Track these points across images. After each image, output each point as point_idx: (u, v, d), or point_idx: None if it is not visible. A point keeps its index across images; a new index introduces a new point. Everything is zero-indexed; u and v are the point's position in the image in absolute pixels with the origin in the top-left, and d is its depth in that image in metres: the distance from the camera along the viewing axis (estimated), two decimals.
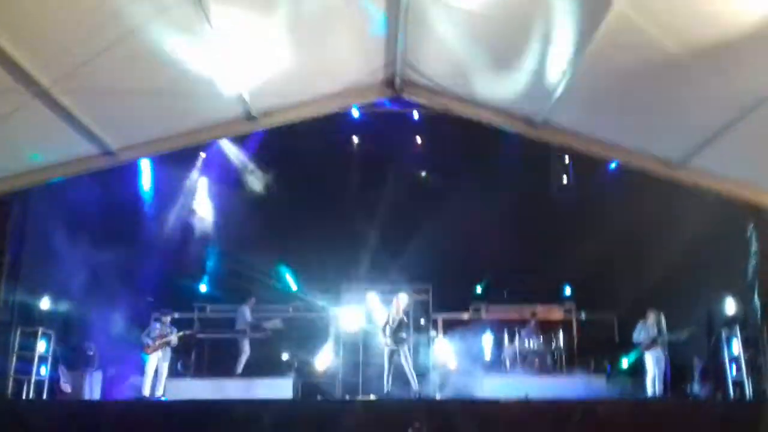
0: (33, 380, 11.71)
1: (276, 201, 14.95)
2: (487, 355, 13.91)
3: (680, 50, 7.65)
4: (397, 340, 11.73)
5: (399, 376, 11.84)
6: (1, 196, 10.99)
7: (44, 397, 11.87)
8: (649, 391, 11.95)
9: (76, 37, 7.54)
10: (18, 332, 11.65)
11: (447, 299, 14.91)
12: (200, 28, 8.00)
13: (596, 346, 14.26)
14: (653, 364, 12.00)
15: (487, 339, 14.16)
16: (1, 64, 7.76)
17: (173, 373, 12.45)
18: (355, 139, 13.43)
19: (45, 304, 12.36)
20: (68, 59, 7.85)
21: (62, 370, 12.30)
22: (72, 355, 12.74)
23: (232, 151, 14.58)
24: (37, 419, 9.76)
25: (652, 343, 12.06)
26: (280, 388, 11.71)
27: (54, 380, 12.19)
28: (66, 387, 12.30)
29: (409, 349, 12.04)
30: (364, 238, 14.94)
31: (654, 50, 7.74)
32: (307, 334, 13.86)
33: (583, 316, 14.88)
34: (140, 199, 14.08)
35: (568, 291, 15.44)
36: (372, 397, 12.56)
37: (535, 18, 8.06)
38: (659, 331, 12.07)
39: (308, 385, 13.21)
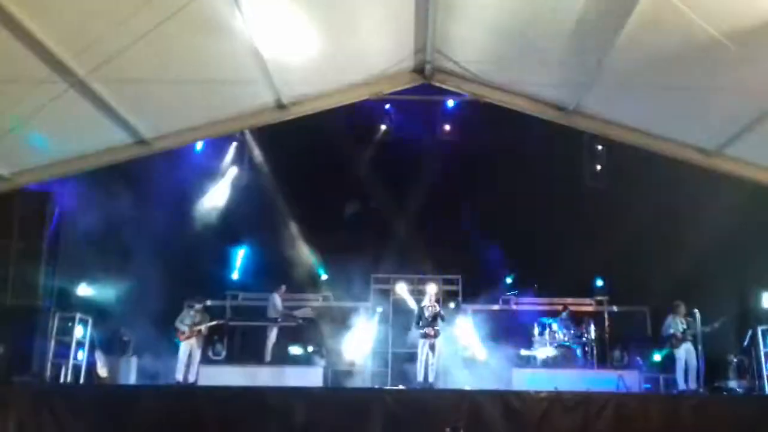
0: (71, 364, 11.97)
1: (305, 190, 15.01)
2: (517, 348, 13.79)
3: (719, 35, 7.46)
4: (432, 333, 11.70)
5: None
6: (39, 184, 11.27)
7: (81, 380, 12.14)
8: (681, 385, 11.72)
9: (110, 27, 7.66)
10: (56, 318, 11.93)
11: (477, 290, 14.82)
12: (231, 16, 8.07)
13: (628, 339, 14.04)
14: (684, 358, 11.76)
15: (517, 331, 14.05)
16: (38, 54, 7.95)
17: (206, 359, 12.64)
18: (383, 127, 13.39)
19: (82, 290, 12.63)
20: (102, 49, 7.99)
21: (99, 355, 12.56)
22: (108, 341, 13.01)
23: (261, 140, 14.67)
24: (74, 402, 10.03)
25: (683, 337, 11.81)
26: (310, 377, 11.80)
27: (91, 365, 12.45)
28: (102, 371, 12.55)
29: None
30: (393, 228, 14.93)
31: (691, 34, 7.57)
32: (337, 322, 13.90)
33: (614, 308, 14.65)
34: (174, 187, 14.25)
35: (599, 283, 15.18)
36: (401, 387, 12.57)
37: (569, 2, 7.93)
38: (689, 324, 11.80)
39: (338, 374, 13.30)
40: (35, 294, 11.33)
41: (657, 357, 13.22)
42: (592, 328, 13.56)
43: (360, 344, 13.61)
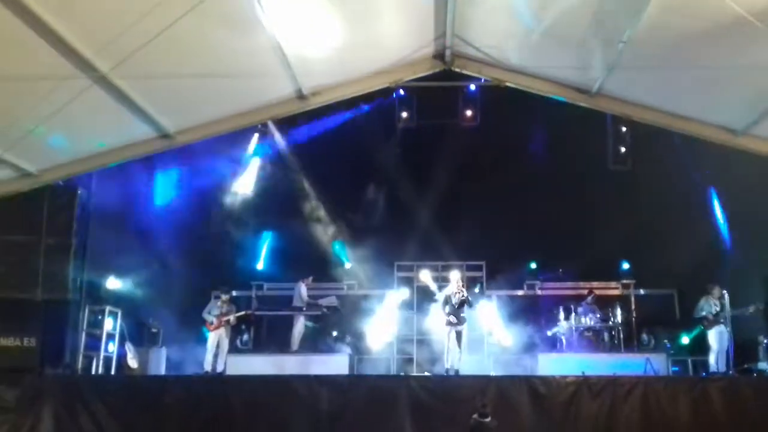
0: (102, 356, 12.17)
1: (328, 178, 15.06)
2: (543, 333, 13.74)
3: (745, 12, 7.30)
4: (459, 318, 11.70)
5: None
6: (66, 179, 11.45)
7: (112, 372, 12.36)
8: (713, 367, 11.61)
9: (132, 22, 7.72)
10: (87, 310, 12.12)
11: (501, 276, 14.77)
12: (251, 9, 8.09)
13: (655, 322, 13.91)
14: (716, 341, 11.64)
15: (543, 316, 14.00)
16: (61, 52, 8.07)
17: (233, 349, 12.78)
18: (405, 115, 13.34)
19: (111, 283, 12.82)
20: (125, 45, 8.06)
21: (129, 347, 12.73)
22: (137, 332, 13.21)
23: (283, 130, 14.74)
24: (106, 393, 10.24)
25: (715, 319, 11.69)
26: (336, 365, 11.87)
27: (121, 356, 12.64)
28: (133, 363, 12.72)
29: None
30: (417, 214, 14.92)
31: (717, 12, 7.44)
32: (362, 311, 13.97)
33: (641, 291, 14.51)
34: (198, 180, 14.38)
35: (625, 266, 15.02)
36: (427, 373, 12.61)
37: None
38: (722, 306, 11.67)
39: (363, 361, 13.38)
40: (65, 288, 11.51)
41: (685, 339, 13.10)
42: (619, 311, 13.42)
43: (385, 332, 13.66)
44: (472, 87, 13.56)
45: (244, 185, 14.72)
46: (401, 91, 13.04)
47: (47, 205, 11.54)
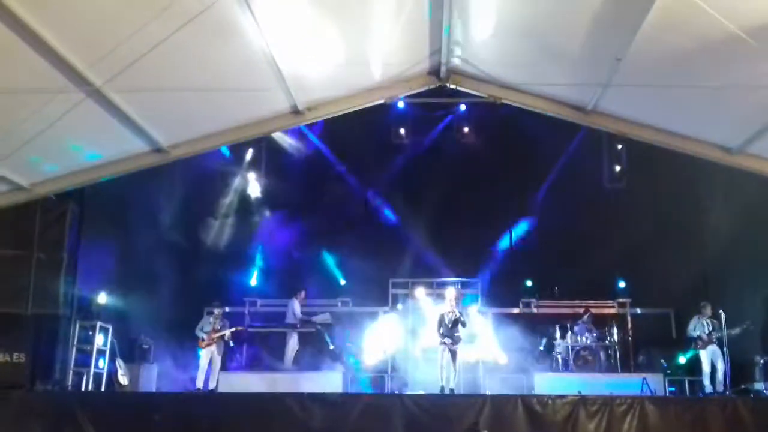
0: (92, 372, 12.02)
1: (321, 194, 15.03)
2: (539, 351, 13.64)
3: (739, 30, 7.31)
4: (453, 338, 11.60)
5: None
6: (58, 193, 11.37)
7: (102, 388, 12.20)
8: (707, 388, 11.51)
9: (125, 36, 7.69)
10: (77, 326, 11.99)
11: (496, 294, 14.70)
12: (246, 23, 8.08)
13: (652, 342, 13.83)
14: (708, 361, 11.54)
15: (538, 334, 13.90)
16: (55, 65, 8.01)
17: (225, 366, 12.65)
18: (401, 131, 13.34)
19: (102, 298, 12.71)
20: (118, 58, 8.03)
21: (120, 363, 12.62)
22: (128, 349, 13.08)
23: (278, 144, 14.70)
24: (96, 410, 10.08)
25: (708, 339, 11.60)
26: (329, 382, 11.75)
27: (112, 373, 12.50)
28: (123, 379, 12.60)
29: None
30: (411, 232, 14.86)
31: (711, 30, 7.44)
32: (356, 328, 13.86)
33: (638, 310, 14.43)
34: (193, 195, 14.32)
35: (622, 284, 14.97)
36: (422, 391, 12.47)
37: (585, 0, 7.82)
38: (714, 326, 11.57)
39: (357, 379, 13.24)
40: (56, 303, 11.38)
41: (682, 359, 13.01)
42: (615, 330, 13.38)
43: (379, 349, 13.55)
44: (464, 106, 13.64)
45: (238, 200, 14.67)
46: (398, 106, 13.06)
47: (39, 219, 11.45)
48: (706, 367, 11.58)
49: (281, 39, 8.63)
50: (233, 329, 12.41)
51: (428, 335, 12.84)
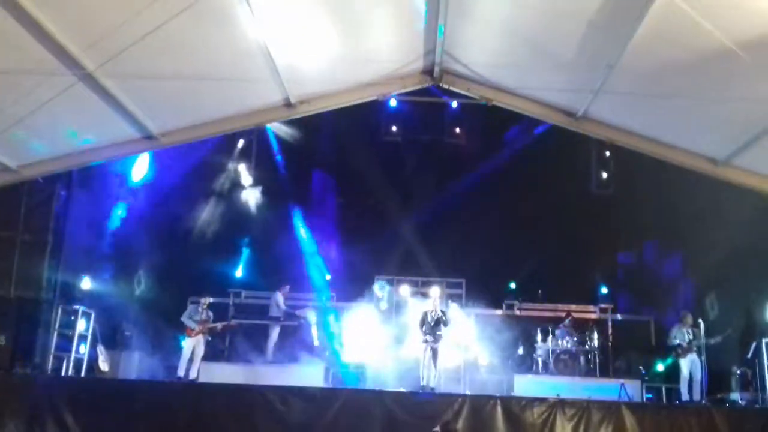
0: (72, 358, 11.94)
1: (311, 188, 15.02)
2: (519, 354, 13.72)
3: (731, 44, 7.41)
4: (435, 336, 11.66)
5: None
6: (45, 177, 11.30)
7: (82, 374, 12.13)
8: (684, 396, 11.62)
9: (120, 21, 7.70)
10: (59, 311, 11.91)
11: (480, 294, 14.75)
12: (242, 14, 8.07)
13: (631, 348, 13.95)
14: (688, 369, 11.66)
15: (520, 337, 13.99)
16: (47, 47, 7.99)
17: (207, 356, 12.61)
18: (393, 128, 13.35)
19: (86, 284, 12.64)
20: (112, 44, 8.03)
21: (101, 349, 12.54)
22: (110, 335, 13.01)
23: (268, 138, 14.68)
24: (74, 395, 10.03)
25: (688, 347, 11.71)
26: (311, 376, 11.77)
27: (92, 359, 12.44)
28: (104, 366, 12.53)
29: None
30: (398, 230, 14.89)
31: (703, 42, 7.54)
32: (340, 322, 13.87)
33: (618, 317, 14.55)
34: (179, 184, 14.25)
35: (604, 290, 15.09)
36: (402, 389, 12.52)
37: (580, 8, 7.90)
38: (695, 335, 11.70)
39: (339, 374, 13.25)
40: (39, 286, 11.35)
41: (660, 367, 13.13)
42: (596, 335, 13.48)
43: (362, 345, 13.58)
44: (456, 104, 13.66)
45: (226, 191, 14.63)
46: (390, 103, 13.07)
47: (25, 202, 11.38)
48: (685, 375, 11.69)
49: (276, 31, 8.64)
50: (225, 323, 12.38)
51: (411, 333, 12.89)
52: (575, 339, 13.26)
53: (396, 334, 13.82)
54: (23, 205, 11.39)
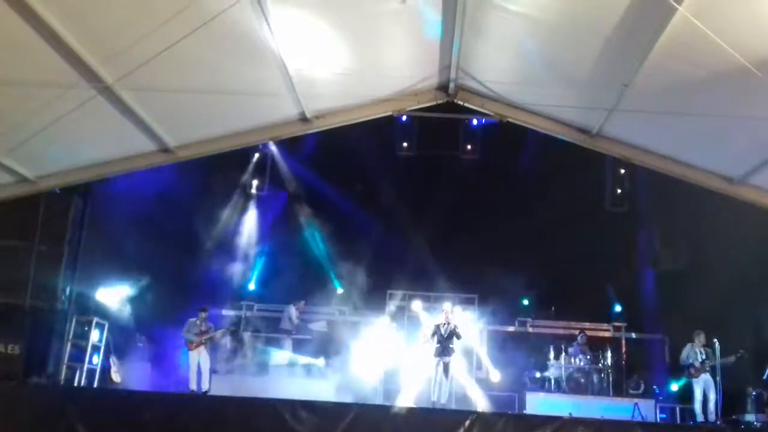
0: (85, 368, 12.01)
1: (325, 202, 15.08)
2: (531, 372, 13.62)
3: (747, 62, 7.37)
4: (447, 352, 11.59)
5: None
6: (63, 188, 11.42)
7: (95, 384, 12.18)
8: (698, 417, 11.46)
9: (139, 36, 7.78)
10: (74, 320, 11.98)
11: (493, 311, 14.68)
12: (260, 29, 8.16)
13: (645, 367, 13.83)
14: (701, 389, 11.49)
15: (532, 354, 13.90)
16: (68, 60, 8.09)
17: (219, 369, 12.63)
18: (405, 144, 13.40)
19: (101, 294, 12.71)
20: (131, 57, 8.11)
21: (114, 360, 12.60)
22: (123, 346, 13.07)
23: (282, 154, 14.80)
24: (86, 406, 10.05)
25: (701, 367, 11.55)
26: (321, 390, 11.75)
27: (105, 369, 12.49)
28: (116, 376, 12.58)
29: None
30: (411, 245, 14.90)
31: (719, 61, 7.50)
32: (351, 337, 13.85)
33: (632, 335, 14.42)
34: (195, 197, 14.36)
35: (618, 308, 14.98)
36: (412, 405, 12.44)
37: (595, 26, 7.92)
38: (707, 354, 11.53)
39: (349, 388, 13.21)
40: (54, 296, 11.41)
41: (674, 387, 12.99)
42: (609, 354, 13.37)
43: (373, 360, 13.53)
44: (474, 121, 13.71)
45: (241, 205, 14.72)
46: (404, 119, 13.11)
47: (42, 212, 11.48)
48: (698, 396, 11.53)
49: (293, 46, 8.72)
50: (223, 329, 12.37)
51: (422, 347, 12.83)
52: (588, 357, 13.16)
53: (407, 348, 13.79)
54: (40, 216, 11.49)
